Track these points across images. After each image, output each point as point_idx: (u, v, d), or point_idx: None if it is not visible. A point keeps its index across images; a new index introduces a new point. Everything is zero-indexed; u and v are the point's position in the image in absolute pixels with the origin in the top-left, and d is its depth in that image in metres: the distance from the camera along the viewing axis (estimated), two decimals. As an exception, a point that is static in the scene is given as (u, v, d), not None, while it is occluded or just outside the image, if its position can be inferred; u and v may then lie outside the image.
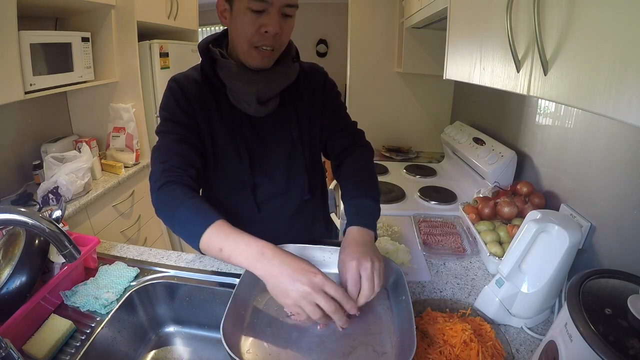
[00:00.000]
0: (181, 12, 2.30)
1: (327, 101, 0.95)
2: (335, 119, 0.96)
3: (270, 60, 0.80)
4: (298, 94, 0.90)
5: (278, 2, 0.72)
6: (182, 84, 0.83)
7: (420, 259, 0.99)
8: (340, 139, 0.94)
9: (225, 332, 0.57)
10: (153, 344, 0.86)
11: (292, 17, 0.77)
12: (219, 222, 0.63)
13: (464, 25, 1.01)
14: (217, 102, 0.84)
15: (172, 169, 0.72)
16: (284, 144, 0.90)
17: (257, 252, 0.59)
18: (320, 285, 0.57)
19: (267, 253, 0.59)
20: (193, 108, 0.81)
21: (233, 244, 0.60)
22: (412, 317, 0.62)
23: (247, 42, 0.76)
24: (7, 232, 0.79)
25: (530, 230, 0.71)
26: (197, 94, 0.82)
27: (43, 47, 1.50)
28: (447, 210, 1.38)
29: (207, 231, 0.61)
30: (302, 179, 0.94)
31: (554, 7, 0.56)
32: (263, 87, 0.81)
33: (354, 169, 0.87)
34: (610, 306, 0.49)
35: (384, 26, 2.18)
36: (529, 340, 0.72)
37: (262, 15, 0.73)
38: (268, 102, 0.83)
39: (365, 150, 0.93)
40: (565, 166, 1.05)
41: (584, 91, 0.50)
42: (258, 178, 0.89)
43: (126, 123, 1.97)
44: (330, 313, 0.57)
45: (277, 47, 0.78)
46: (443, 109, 2.27)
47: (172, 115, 0.80)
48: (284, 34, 0.77)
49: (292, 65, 0.87)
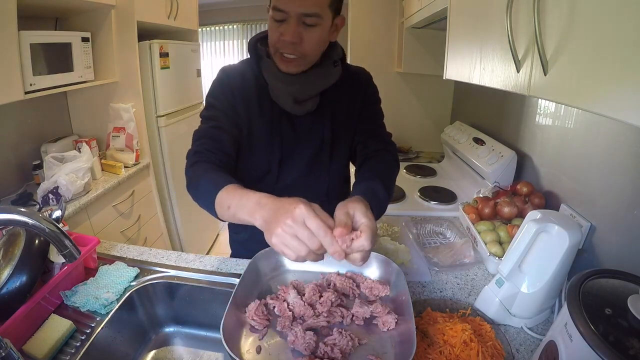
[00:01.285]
0: (181, 12, 2.30)
1: (365, 106, 0.95)
2: (369, 125, 0.95)
3: (295, 66, 0.81)
4: (338, 97, 0.90)
5: (295, 12, 0.73)
6: (229, 75, 0.88)
7: (420, 259, 0.99)
8: (370, 145, 0.92)
9: (225, 332, 0.57)
10: (153, 344, 0.86)
11: (315, 26, 0.76)
12: (231, 185, 0.65)
13: (464, 25, 1.01)
14: (260, 96, 0.87)
15: (204, 151, 0.78)
16: (313, 143, 0.91)
17: (255, 202, 0.60)
18: (301, 217, 0.53)
19: (263, 201, 0.59)
20: (235, 98, 0.86)
21: (237, 199, 0.62)
22: (412, 317, 0.62)
23: (273, 47, 0.81)
24: (7, 232, 0.79)
25: (530, 230, 0.71)
26: (241, 86, 0.87)
27: (43, 47, 1.50)
28: (447, 210, 1.38)
29: (220, 193, 0.65)
30: (323, 180, 0.95)
31: (554, 7, 0.56)
32: (300, 88, 0.84)
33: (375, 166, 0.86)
34: (610, 306, 0.49)
35: (384, 26, 2.18)
36: (529, 340, 0.72)
37: (282, 24, 0.75)
38: (306, 102, 0.85)
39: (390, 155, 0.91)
40: (565, 166, 1.05)
41: (584, 91, 0.50)
42: (282, 171, 0.92)
43: (126, 123, 1.97)
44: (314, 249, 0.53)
45: (299, 55, 0.79)
46: (443, 109, 2.27)
47: (215, 102, 0.86)
48: (306, 43, 0.77)
49: (333, 69, 0.88)
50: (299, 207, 0.54)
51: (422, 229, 1.18)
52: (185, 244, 2.48)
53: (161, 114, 2.17)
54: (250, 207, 0.60)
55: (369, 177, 0.79)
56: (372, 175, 0.80)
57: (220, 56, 4.33)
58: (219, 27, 4.27)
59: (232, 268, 0.92)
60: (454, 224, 1.19)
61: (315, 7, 0.74)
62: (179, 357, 0.85)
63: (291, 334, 0.62)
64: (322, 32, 0.78)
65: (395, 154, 0.93)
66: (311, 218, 0.54)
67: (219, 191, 0.65)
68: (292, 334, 0.62)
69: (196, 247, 2.62)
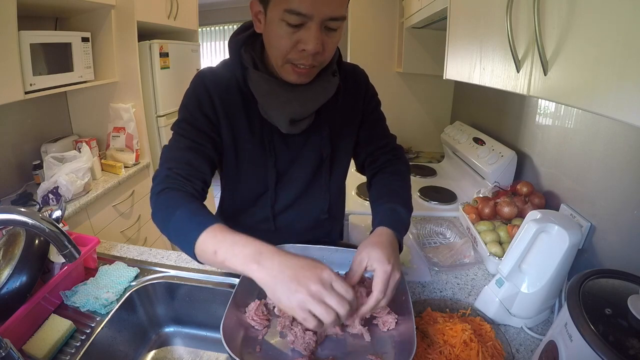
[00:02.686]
0: (181, 12, 2.30)
1: (367, 113, 0.88)
2: (375, 134, 0.90)
3: (309, 76, 0.70)
4: (335, 108, 0.81)
5: (320, 16, 0.59)
6: (209, 83, 0.74)
7: (420, 259, 0.99)
8: (379, 158, 0.89)
9: (225, 332, 0.57)
10: (153, 344, 0.86)
11: (337, 30, 0.64)
12: (216, 225, 0.56)
13: (464, 25, 1.01)
14: (247, 111, 0.75)
15: (177, 177, 0.66)
16: (312, 161, 0.84)
17: (254, 251, 0.52)
18: (329, 280, 0.50)
19: (265, 252, 0.52)
20: (217, 114, 0.74)
21: (228, 245, 0.54)
22: (412, 317, 0.62)
23: (281, 57, 0.66)
24: (7, 232, 0.79)
25: (530, 230, 0.71)
26: (224, 98, 0.74)
27: (43, 47, 1.50)
28: (447, 210, 1.38)
29: (203, 235, 0.55)
30: (323, 197, 0.89)
31: (554, 7, 0.56)
32: (298, 108, 0.72)
33: (390, 181, 0.82)
34: (610, 306, 0.49)
35: (384, 26, 2.18)
36: (529, 340, 0.72)
37: (300, 29, 0.61)
38: (302, 121, 0.75)
39: (402, 165, 0.88)
40: (565, 166, 1.05)
41: (584, 91, 0.50)
42: (280, 191, 0.85)
43: (126, 123, 1.97)
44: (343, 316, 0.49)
45: (318, 65, 0.68)
46: (443, 109, 2.27)
47: (191, 118, 0.73)
48: (327, 51, 0.65)
49: (332, 79, 0.77)
50: (325, 270, 0.51)
51: (422, 229, 1.18)
52: (185, 244, 2.48)
53: (161, 114, 2.17)
54: (247, 255, 0.52)
55: (386, 197, 0.75)
56: (388, 192, 0.77)
57: (220, 56, 4.34)
58: (219, 27, 4.27)
59: (232, 268, 0.92)
60: (454, 224, 1.19)
61: (342, 8, 0.62)
62: (179, 357, 0.85)
63: (291, 334, 0.62)
64: (340, 36, 0.67)
65: (405, 160, 0.91)
66: (338, 282, 0.51)
67: (203, 232, 0.55)
68: (292, 334, 0.62)
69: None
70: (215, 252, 0.54)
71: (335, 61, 0.78)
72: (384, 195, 0.77)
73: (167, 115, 2.21)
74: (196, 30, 2.64)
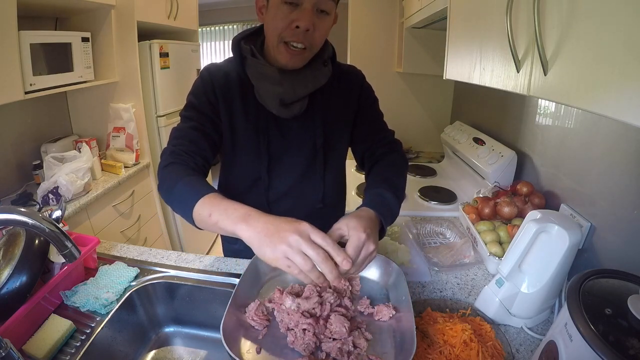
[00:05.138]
0: (181, 12, 2.30)
1: (363, 110, 0.92)
2: (372, 130, 0.93)
3: (301, 59, 0.78)
4: (329, 99, 0.87)
5: None
6: (213, 74, 0.84)
7: (420, 259, 0.99)
8: (376, 150, 0.92)
9: (225, 332, 0.57)
10: (153, 344, 0.86)
11: (329, 15, 0.74)
12: (213, 193, 0.63)
13: (464, 25, 1.01)
14: (244, 98, 0.83)
15: (181, 153, 0.75)
16: (305, 150, 0.88)
17: (243, 214, 0.59)
18: (307, 232, 0.55)
19: (253, 214, 0.59)
20: (218, 99, 0.83)
21: (222, 209, 0.60)
22: (412, 317, 0.62)
23: (277, 36, 0.75)
24: (7, 232, 0.79)
25: (530, 230, 0.71)
26: (225, 87, 0.83)
27: (43, 47, 1.50)
28: (447, 210, 1.38)
29: (200, 201, 0.62)
30: (318, 187, 0.92)
31: (554, 7, 0.56)
32: (288, 90, 0.79)
33: (382, 169, 0.85)
34: (610, 306, 0.49)
35: (384, 26, 2.18)
36: (529, 340, 0.72)
37: (296, 9, 0.71)
38: (292, 105, 0.82)
39: (398, 156, 0.91)
40: (565, 166, 1.05)
41: (584, 91, 0.50)
42: (274, 178, 0.89)
43: (126, 123, 1.97)
44: (320, 262, 0.53)
45: (308, 45, 0.76)
46: (443, 109, 2.27)
47: (195, 102, 0.83)
48: (317, 31, 0.74)
49: (323, 68, 0.84)
50: (303, 223, 0.56)
51: (422, 229, 1.18)
52: (185, 244, 2.49)
53: (161, 114, 2.17)
54: (237, 216, 0.58)
55: (376, 183, 0.78)
56: (379, 179, 0.79)
57: (220, 56, 4.34)
58: (219, 27, 4.27)
59: (232, 268, 0.92)
60: (454, 224, 1.19)
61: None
62: (179, 357, 0.85)
63: (291, 335, 0.63)
64: (330, 22, 0.76)
65: (401, 152, 0.93)
66: (315, 232, 0.55)
67: (201, 198, 0.63)
68: (292, 334, 0.62)
69: (196, 247, 2.62)
70: (209, 215, 0.61)
71: (327, 52, 0.86)
72: (375, 182, 0.80)
73: (167, 115, 2.21)
74: (196, 30, 2.64)
